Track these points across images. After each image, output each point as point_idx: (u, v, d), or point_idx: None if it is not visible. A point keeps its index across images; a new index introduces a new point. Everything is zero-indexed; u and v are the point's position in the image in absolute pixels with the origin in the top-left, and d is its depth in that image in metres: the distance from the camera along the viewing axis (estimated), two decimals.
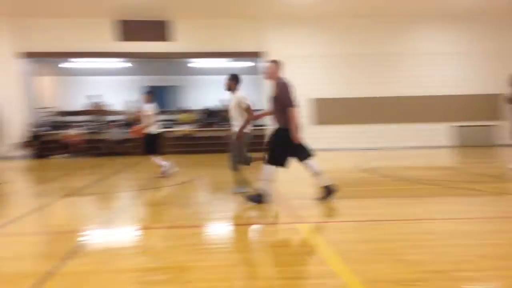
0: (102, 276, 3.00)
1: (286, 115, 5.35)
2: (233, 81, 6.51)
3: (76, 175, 10.14)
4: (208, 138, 16.95)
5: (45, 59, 16.36)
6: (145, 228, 4.64)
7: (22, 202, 6.57)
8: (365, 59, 16.96)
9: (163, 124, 17.67)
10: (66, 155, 15.18)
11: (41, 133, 15.59)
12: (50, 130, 16.24)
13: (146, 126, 8.91)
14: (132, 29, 15.84)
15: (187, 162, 13.10)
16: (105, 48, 15.79)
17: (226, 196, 6.65)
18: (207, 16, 16.08)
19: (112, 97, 18.04)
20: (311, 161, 5.64)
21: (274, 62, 5.60)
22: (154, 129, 9.01)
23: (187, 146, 16.36)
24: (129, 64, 18.17)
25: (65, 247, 3.80)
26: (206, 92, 19.54)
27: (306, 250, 3.55)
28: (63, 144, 15.37)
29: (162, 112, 18.34)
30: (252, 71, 18.68)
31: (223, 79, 6.80)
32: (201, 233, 4.40)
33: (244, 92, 6.55)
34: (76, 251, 3.60)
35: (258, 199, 5.51)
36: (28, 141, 15.14)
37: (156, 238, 4.13)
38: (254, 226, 4.69)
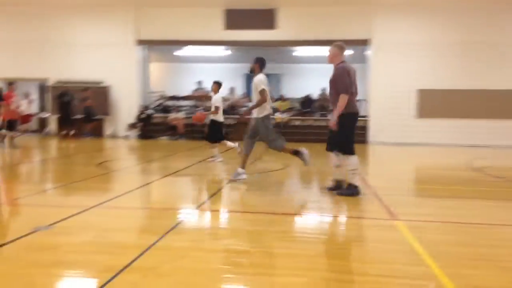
0: (195, 254, 3.16)
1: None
2: (257, 64, 6.43)
3: (178, 156, 10.78)
4: (306, 127, 16.88)
5: (159, 46, 17.51)
6: (237, 211, 4.79)
7: (129, 179, 7.17)
8: (479, 48, 15.48)
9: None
10: (171, 137, 16.19)
11: (150, 115, 16.79)
12: (159, 113, 17.43)
13: (212, 114, 9.09)
14: (239, 17, 16.25)
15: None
16: (213, 37, 16.43)
17: (319, 186, 6.60)
18: (311, 4, 15.89)
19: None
20: (333, 154, 5.50)
21: (336, 46, 5.49)
22: (220, 117, 9.23)
23: (283, 134, 16.46)
24: (230, 52, 18.71)
25: (164, 223, 4.07)
26: (307, 80, 19.43)
27: (400, 249, 3.39)
28: (169, 127, 16.40)
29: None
30: (357, 59, 18.15)
31: (326, 67, 6.63)
32: (292, 221, 4.43)
33: (263, 76, 6.37)
34: (173, 227, 3.84)
35: (351, 192, 5.36)
36: (138, 122, 16.41)
37: (247, 222, 4.24)
38: (345, 219, 4.60)
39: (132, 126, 16.37)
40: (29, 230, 3.55)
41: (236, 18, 16.23)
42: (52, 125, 16.82)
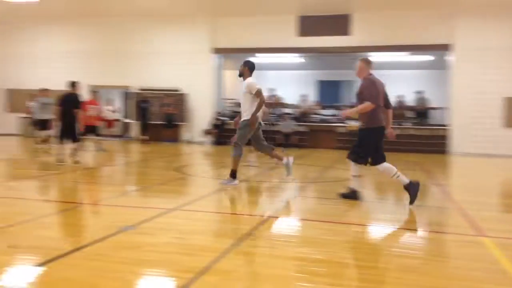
0: (270, 260, 3.18)
1: (368, 113, 5.17)
2: (246, 67, 6.36)
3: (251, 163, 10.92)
4: None
5: (234, 54, 17.97)
6: (310, 219, 4.75)
7: (204, 183, 7.40)
8: None
9: (331, 119, 17.79)
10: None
11: (224, 122, 17.22)
12: (232, 120, 17.84)
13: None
14: (312, 24, 16.22)
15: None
16: (287, 44, 16.55)
17: (393, 197, 6.37)
18: (386, 8, 15.45)
19: (287, 91, 18.86)
20: (384, 165, 5.34)
21: (363, 60, 5.59)
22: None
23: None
24: (303, 59, 18.70)
25: (239, 228, 4.15)
26: (386, 88, 18.88)
27: (488, 267, 3.17)
28: None
29: (332, 107, 18.46)
30: (435, 65, 17.34)
31: (402, 74, 6.44)
32: (366, 232, 4.31)
33: (254, 78, 6.29)
34: (248, 233, 3.90)
35: (351, 196, 5.47)
36: (213, 129, 16.90)
37: (321, 231, 4.19)
38: (425, 233, 4.39)
39: (207, 132, 16.90)
40: (116, 230, 3.79)
41: (309, 25, 16.21)
42: (134, 130, 17.82)
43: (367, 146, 5.31)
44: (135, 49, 17.48)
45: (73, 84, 8.85)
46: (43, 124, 12.03)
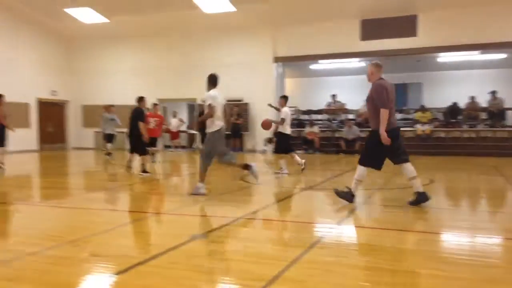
0: (340, 269, 3.15)
1: (379, 117, 5.22)
2: (209, 80, 6.55)
3: (314, 170, 10.87)
4: (452, 139, 15.61)
5: (294, 62, 18.03)
6: (379, 228, 4.63)
7: (270, 192, 7.45)
8: None
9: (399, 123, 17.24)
10: (307, 151, 16.42)
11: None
12: (294, 128, 17.85)
13: (278, 124, 9.52)
14: (376, 27, 15.89)
15: (420, 163, 12.41)
16: (349, 49, 16.34)
17: (466, 203, 6.05)
18: (455, 5, 14.76)
19: (350, 97, 18.56)
20: (407, 165, 5.40)
21: (373, 65, 5.54)
22: (286, 130, 9.44)
23: (424, 147, 15.47)
24: (365, 64, 18.33)
25: (307, 237, 4.14)
26: (452, 88, 18.04)
27: None
28: (305, 141, 16.66)
29: (399, 111, 17.88)
30: (508, 63, 16.32)
31: (472, 73, 6.14)
32: (440, 240, 4.13)
33: (215, 92, 6.46)
34: (317, 242, 3.88)
35: (346, 196, 5.58)
36: (275, 137, 16.99)
37: (391, 239, 4.07)
38: (505, 241, 4.12)
39: (269, 140, 17.02)
40: (187, 238, 3.93)
41: (373, 28, 15.88)
42: (198, 141, 18.37)
43: (373, 148, 5.43)
44: (199, 62, 18.05)
45: (140, 99, 9.45)
46: (109, 138, 13.29)
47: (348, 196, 5.63)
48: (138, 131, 9.13)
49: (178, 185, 8.68)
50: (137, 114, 9.24)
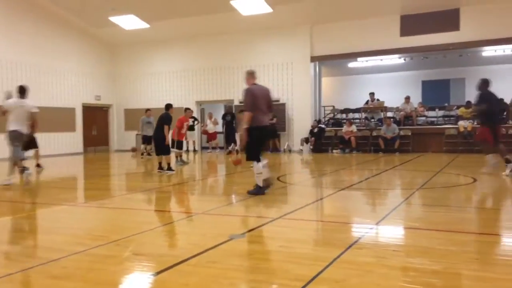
0: (380, 270, 3.10)
1: (252, 116, 6.11)
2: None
3: (352, 170, 10.73)
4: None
5: (331, 60, 17.88)
6: (421, 228, 4.52)
7: (306, 192, 7.42)
8: None
9: (438, 120, 16.72)
10: (344, 150, 16.22)
11: (323, 129, 17.13)
12: (331, 127, 17.68)
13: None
14: (416, 22, 15.51)
15: (463, 162, 12.00)
16: (389, 45, 16.05)
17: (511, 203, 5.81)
18: None
19: (389, 94, 18.20)
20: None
21: (246, 72, 6.60)
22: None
23: (467, 144, 14.94)
24: (403, 60, 17.92)
25: (345, 237, 4.10)
26: (498, 83, 17.30)
27: None
28: (342, 140, 16.45)
29: (439, 108, 17.36)
30: None
31: None
32: (488, 241, 3.98)
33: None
34: (355, 242, 3.84)
35: (257, 191, 6.31)
36: (311, 137, 16.89)
37: (433, 240, 3.97)
38: None
39: (305, 140, 16.94)
40: (226, 238, 3.98)
41: (413, 24, 15.51)
42: (237, 142, 18.51)
43: (252, 143, 6.31)
44: (236, 64, 18.23)
45: (169, 106, 10.29)
46: (147, 140, 14.50)
47: (257, 190, 6.37)
48: (162, 134, 9.85)
49: (216, 186, 8.79)
50: (164, 118, 10.01)
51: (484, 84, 8.64)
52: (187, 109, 12.43)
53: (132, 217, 5.48)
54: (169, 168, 9.93)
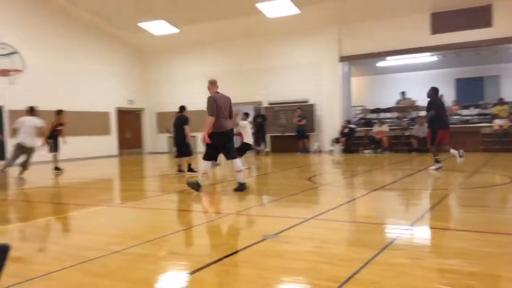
0: (416, 272, 3.06)
1: (215, 122, 6.74)
2: None
3: (384, 170, 10.57)
4: None
5: (361, 60, 17.67)
6: (458, 229, 4.43)
7: (338, 192, 7.37)
8: None
9: (474, 119, 16.23)
10: (375, 150, 15.99)
11: (353, 129, 16.94)
12: (362, 127, 17.46)
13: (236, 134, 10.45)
14: (447, 19, 15.14)
15: (500, 161, 11.61)
16: (419, 43, 15.74)
17: None
18: None
19: (422, 92, 17.82)
20: (236, 161, 6.98)
21: (208, 81, 7.23)
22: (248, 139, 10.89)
23: (502, 143, 14.45)
24: (436, 58, 17.52)
25: (379, 238, 4.06)
26: None
27: None
28: (373, 140, 16.22)
29: (474, 106, 16.86)
30: None
31: None
32: None
33: None
34: (390, 243, 3.80)
35: (195, 186, 6.97)
36: (342, 137, 16.73)
37: (468, 241, 3.88)
38: None
39: (336, 141, 16.80)
40: (259, 238, 4.01)
41: (444, 21, 15.15)
42: (265, 143, 18.54)
43: (210, 146, 6.96)
44: (264, 65, 18.28)
45: (183, 108, 10.67)
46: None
47: (195, 186, 6.97)
48: (183, 135, 10.14)
49: (249, 187, 8.83)
50: (182, 120, 10.29)
51: (434, 92, 9.88)
52: None
53: (166, 217, 5.59)
54: (190, 169, 10.19)
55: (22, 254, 3.78)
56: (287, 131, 17.52)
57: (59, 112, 12.25)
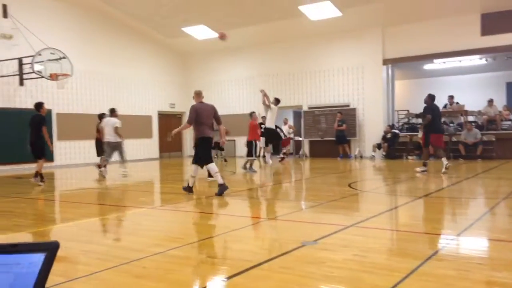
0: (462, 284, 2.92)
1: (198, 128, 7.33)
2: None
3: (430, 177, 10.21)
4: None
5: (405, 63, 17.24)
6: (506, 240, 4.20)
7: (380, 199, 7.19)
8: None
9: None
10: (420, 156, 15.48)
11: (397, 135, 16.50)
12: (406, 132, 16.99)
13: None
14: (499, 20, 14.50)
15: None
16: (468, 45, 15.17)
17: None
18: None
19: (470, 96, 17.17)
20: (211, 165, 7.43)
21: (194, 92, 7.61)
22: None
23: None
24: (485, 61, 16.80)
25: (423, 248, 3.92)
26: None
27: None
28: (418, 146, 15.73)
29: None
30: None
31: None
32: None
33: None
34: (435, 253, 3.65)
35: (186, 189, 7.47)
36: (384, 143, 16.33)
37: None
38: None
39: (377, 146, 16.43)
40: (298, 245, 3.97)
41: (495, 22, 14.53)
42: (305, 148, 18.41)
43: (203, 151, 7.42)
44: (307, 69, 18.20)
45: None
46: (218, 146, 14.55)
47: (187, 189, 7.48)
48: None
49: (288, 192, 8.80)
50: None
51: (430, 98, 10.39)
52: (253, 112, 12.64)
53: (206, 221, 5.64)
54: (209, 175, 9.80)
55: (66, 254, 3.91)
56: (326, 136, 17.32)
57: (102, 116, 12.26)
